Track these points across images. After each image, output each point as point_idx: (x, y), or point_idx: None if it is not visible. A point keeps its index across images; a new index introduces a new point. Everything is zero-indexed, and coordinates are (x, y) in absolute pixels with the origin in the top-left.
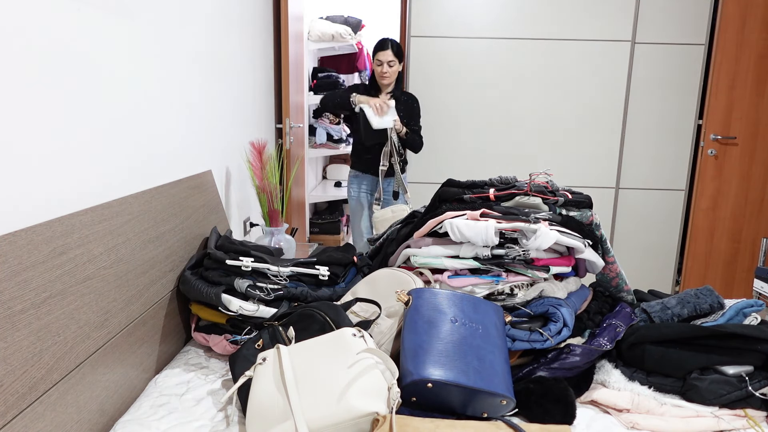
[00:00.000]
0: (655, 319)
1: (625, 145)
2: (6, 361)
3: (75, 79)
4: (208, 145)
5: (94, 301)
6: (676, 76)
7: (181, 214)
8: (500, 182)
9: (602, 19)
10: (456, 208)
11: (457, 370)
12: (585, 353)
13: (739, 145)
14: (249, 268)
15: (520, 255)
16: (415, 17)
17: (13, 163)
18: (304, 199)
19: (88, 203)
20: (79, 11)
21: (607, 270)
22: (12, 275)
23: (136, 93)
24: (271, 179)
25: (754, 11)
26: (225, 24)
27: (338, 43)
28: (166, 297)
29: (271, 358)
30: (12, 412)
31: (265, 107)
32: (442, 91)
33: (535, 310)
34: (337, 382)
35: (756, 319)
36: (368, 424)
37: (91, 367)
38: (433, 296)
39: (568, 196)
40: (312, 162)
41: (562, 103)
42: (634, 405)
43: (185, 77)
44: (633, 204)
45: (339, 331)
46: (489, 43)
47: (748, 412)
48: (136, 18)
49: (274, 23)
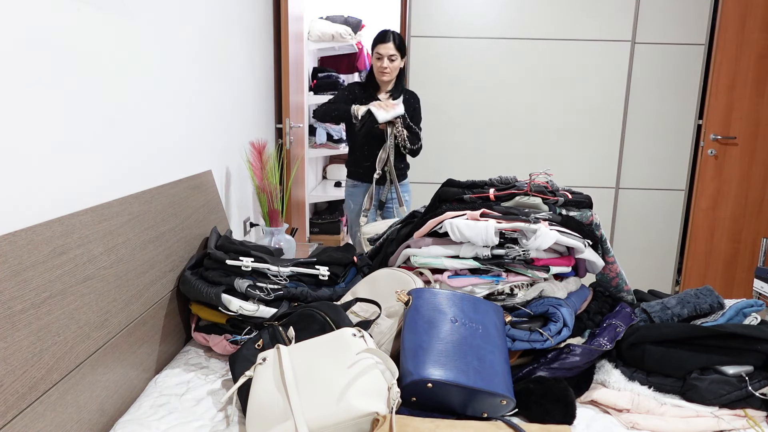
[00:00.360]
0: (655, 319)
1: (625, 145)
2: (6, 361)
3: (75, 78)
4: (208, 145)
5: (94, 301)
6: (676, 76)
7: (181, 214)
8: (500, 182)
9: (602, 19)
10: (456, 208)
11: (457, 370)
12: (585, 353)
13: (739, 145)
14: (249, 268)
15: (520, 255)
16: (415, 17)
17: (13, 163)
18: (304, 199)
19: (88, 203)
20: (79, 11)
21: (607, 270)
22: (12, 275)
23: (136, 93)
24: (271, 179)
25: (754, 11)
26: (225, 24)
27: (338, 43)
28: (166, 297)
29: (271, 358)
30: (12, 412)
31: (265, 107)
32: (442, 91)
33: (535, 310)
34: (337, 382)
35: (756, 319)
36: (368, 424)
37: (91, 367)
38: (433, 296)
39: (568, 196)
40: (312, 162)
41: (562, 103)
42: (634, 405)
43: (185, 77)
44: (633, 204)
45: (339, 331)
46: (489, 43)
47: (748, 412)
48: (136, 18)
49: (274, 23)
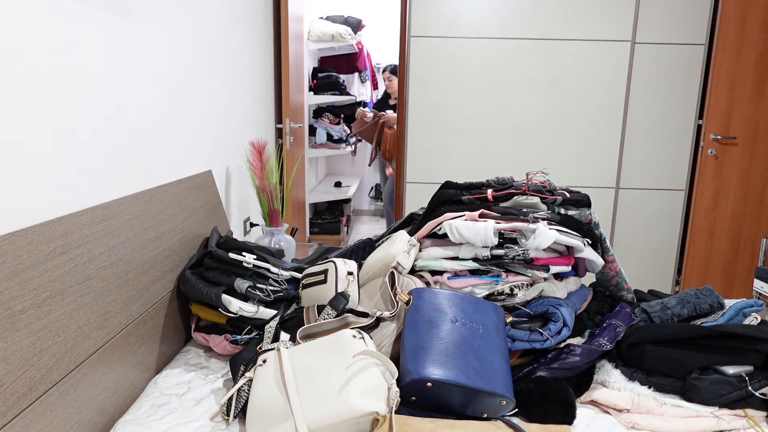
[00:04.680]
0: (655, 319)
1: (625, 145)
2: (6, 361)
3: (75, 78)
4: (208, 145)
5: (94, 301)
6: (676, 76)
7: (181, 214)
8: (497, 183)
9: (602, 19)
10: (454, 209)
11: (456, 369)
12: (585, 353)
13: (739, 145)
14: (251, 264)
15: (519, 255)
16: (415, 17)
17: (13, 163)
18: (304, 199)
19: (88, 203)
20: (79, 11)
21: (607, 269)
22: (12, 275)
23: (137, 93)
24: (271, 179)
25: (754, 11)
26: (225, 24)
27: (338, 43)
28: (166, 297)
29: (272, 359)
30: (12, 412)
31: (265, 107)
32: (441, 91)
33: (534, 310)
34: (337, 383)
35: (756, 319)
36: (368, 424)
37: (91, 367)
38: (434, 296)
39: (566, 195)
40: (312, 162)
41: (562, 103)
42: (634, 405)
43: (185, 77)
44: (633, 204)
45: (339, 332)
46: (489, 43)
47: (748, 412)
48: (136, 18)
49: (274, 23)
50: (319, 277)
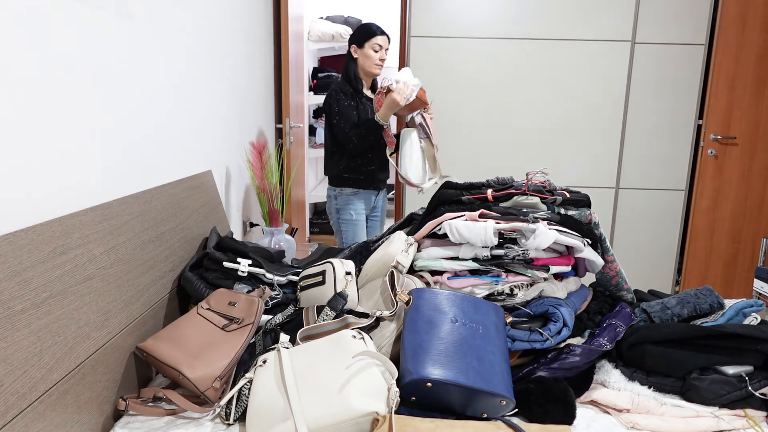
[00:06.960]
0: (655, 319)
1: (625, 145)
2: (6, 361)
3: (74, 78)
4: (208, 145)
5: (94, 301)
6: (676, 76)
7: (181, 214)
8: (497, 183)
9: (602, 19)
10: (454, 209)
11: (456, 369)
12: (585, 353)
13: (739, 145)
14: (245, 273)
15: (519, 255)
16: (415, 17)
17: (13, 163)
18: (304, 199)
19: (88, 203)
20: (79, 11)
21: (607, 269)
22: (12, 275)
23: (136, 93)
24: (271, 179)
25: (754, 11)
26: (225, 24)
27: (338, 43)
28: (166, 297)
29: (272, 360)
30: (12, 412)
31: (265, 107)
32: (441, 91)
33: (534, 310)
34: (336, 383)
35: (756, 319)
36: (368, 424)
37: (91, 367)
38: (434, 296)
39: (566, 195)
40: (312, 162)
41: (562, 103)
42: (634, 405)
43: (185, 77)
44: (633, 204)
45: (339, 333)
46: (489, 43)
47: (748, 412)
48: (136, 18)
49: (274, 23)
50: (317, 278)
